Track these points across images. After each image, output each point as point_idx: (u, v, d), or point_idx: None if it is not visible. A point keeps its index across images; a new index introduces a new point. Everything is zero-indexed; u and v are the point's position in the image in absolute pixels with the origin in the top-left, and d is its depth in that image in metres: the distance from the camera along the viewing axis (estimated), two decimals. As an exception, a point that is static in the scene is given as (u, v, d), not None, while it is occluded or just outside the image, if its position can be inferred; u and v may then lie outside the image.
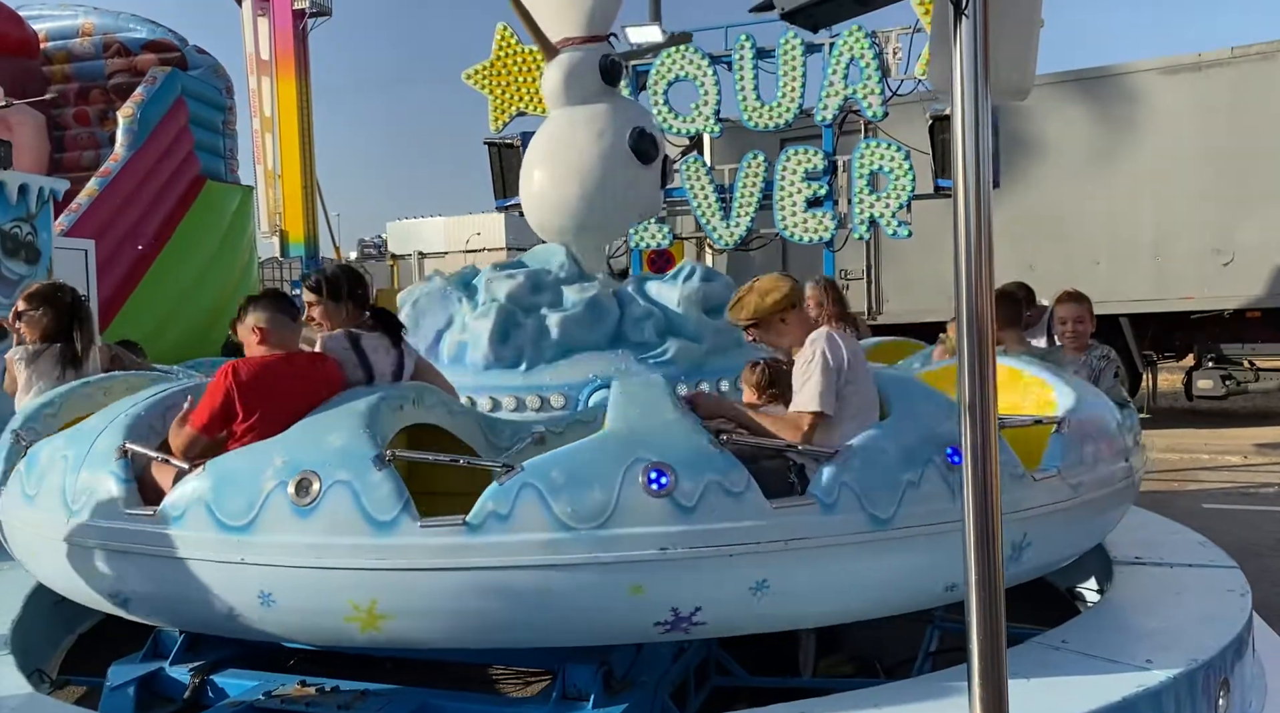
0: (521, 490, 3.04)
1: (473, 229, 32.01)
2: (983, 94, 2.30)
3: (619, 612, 3.11)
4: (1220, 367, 13.24)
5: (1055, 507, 3.55)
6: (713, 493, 3.06)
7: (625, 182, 4.84)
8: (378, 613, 3.11)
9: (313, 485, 3.12)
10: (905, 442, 3.37)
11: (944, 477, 3.29)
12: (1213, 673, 3.27)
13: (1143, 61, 13.01)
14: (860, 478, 3.23)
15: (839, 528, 3.18)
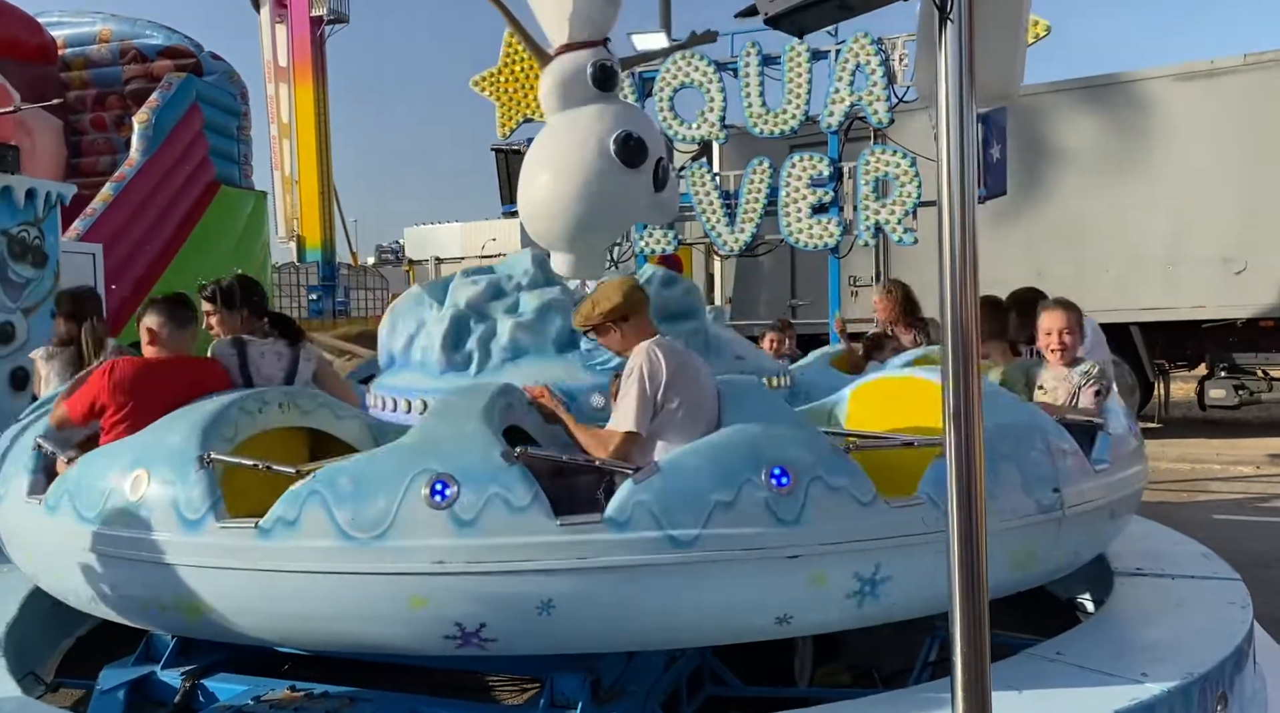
0: (309, 498, 3.08)
1: (488, 235, 32.14)
2: (968, 100, 2.28)
3: (403, 624, 3.10)
4: (1233, 376, 13.13)
5: (917, 539, 3.19)
6: (494, 507, 2.99)
7: (609, 186, 4.73)
8: (191, 607, 3.26)
9: (143, 483, 3.31)
10: (723, 460, 3.17)
11: (765, 499, 3.07)
12: (1210, 687, 3.23)
13: (1155, 69, 12.92)
14: (660, 497, 3.06)
15: (631, 548, 3.01)
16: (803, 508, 3.10)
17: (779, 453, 3.16)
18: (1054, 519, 3.53)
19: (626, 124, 4.78)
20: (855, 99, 9.64)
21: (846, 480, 3.18)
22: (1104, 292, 12.69)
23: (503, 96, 10.64)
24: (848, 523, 3.15)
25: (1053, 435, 3.70)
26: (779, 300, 14.33)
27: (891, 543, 3.20)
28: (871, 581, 3.19)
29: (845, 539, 3.14)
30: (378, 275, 37.58)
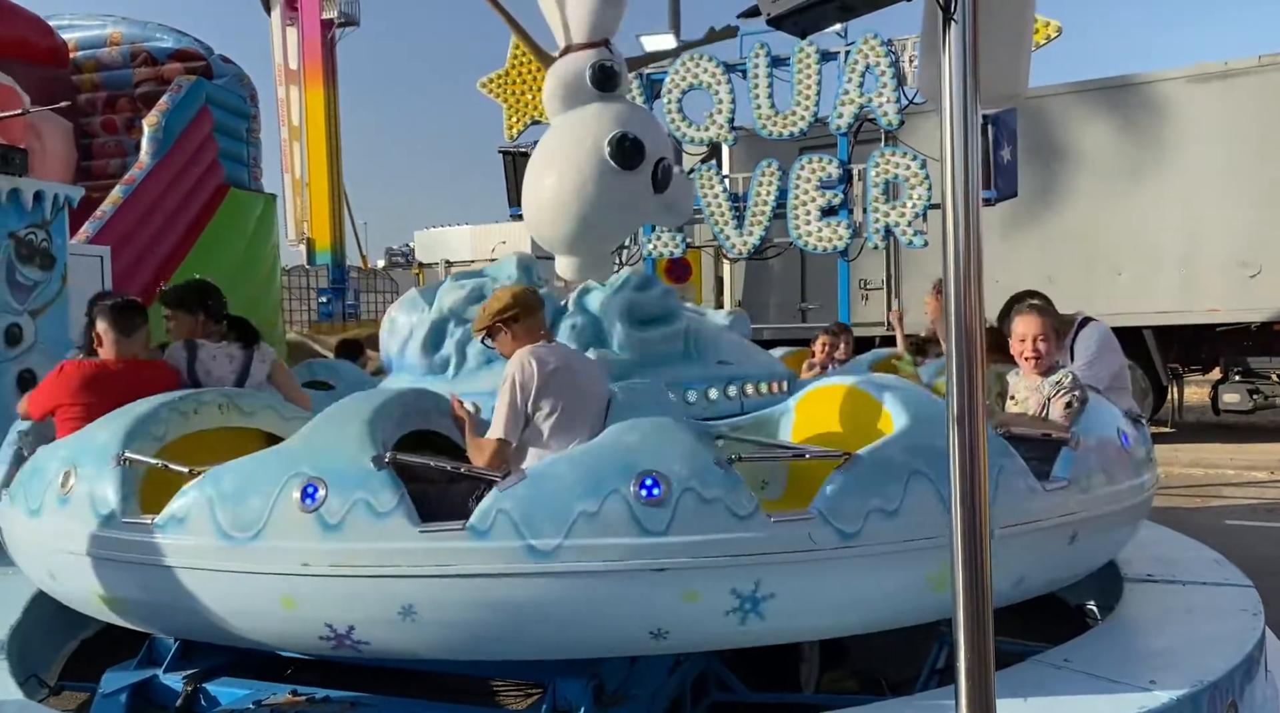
0: (196, 497, 3.23)
1: (499, 237, 32.19)
2: (972, 101, 2.25)
3: (280, 622, 3.19)
4: (1247, 380, 13.03)
5: (804, 557, 3.07)
6: (359, 511, 3.03)
7: (604, 188, 4.71)
8: (111, 598, 3.49)
9: (70, 479, 3.52)
10: (592, 468, 3.10)
11: (631, 510, 2.99)
12: (1219, 695, 3.19)
13: (1169, 70, 12.84)
14: (522, 505, 3.03)
15: (490, 557, 3.00)
16: (672, 520, 3.00)
17: (652, 462, 3.06)
18: None
19: (625, 125, 4.73)
20: (865, 101, 9.61)
21: (722, 492, 3.04)
22: (1117, 295, 12.63)
23: (510, 98, 10.64)
24: (721, 537, 3.01)
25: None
26: (789, 304, 14.29)
27: (775, 559, 3.04)
28: (753, 598, 3.04)
29: (719, 554, 3.00)
30: (388, 278, 37.67)
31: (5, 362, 6.35)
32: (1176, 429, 13.60)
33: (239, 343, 4.59)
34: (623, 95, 4.96)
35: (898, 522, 3.14)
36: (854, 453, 3.22)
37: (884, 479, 3.18)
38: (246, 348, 4.60)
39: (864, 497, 3.14)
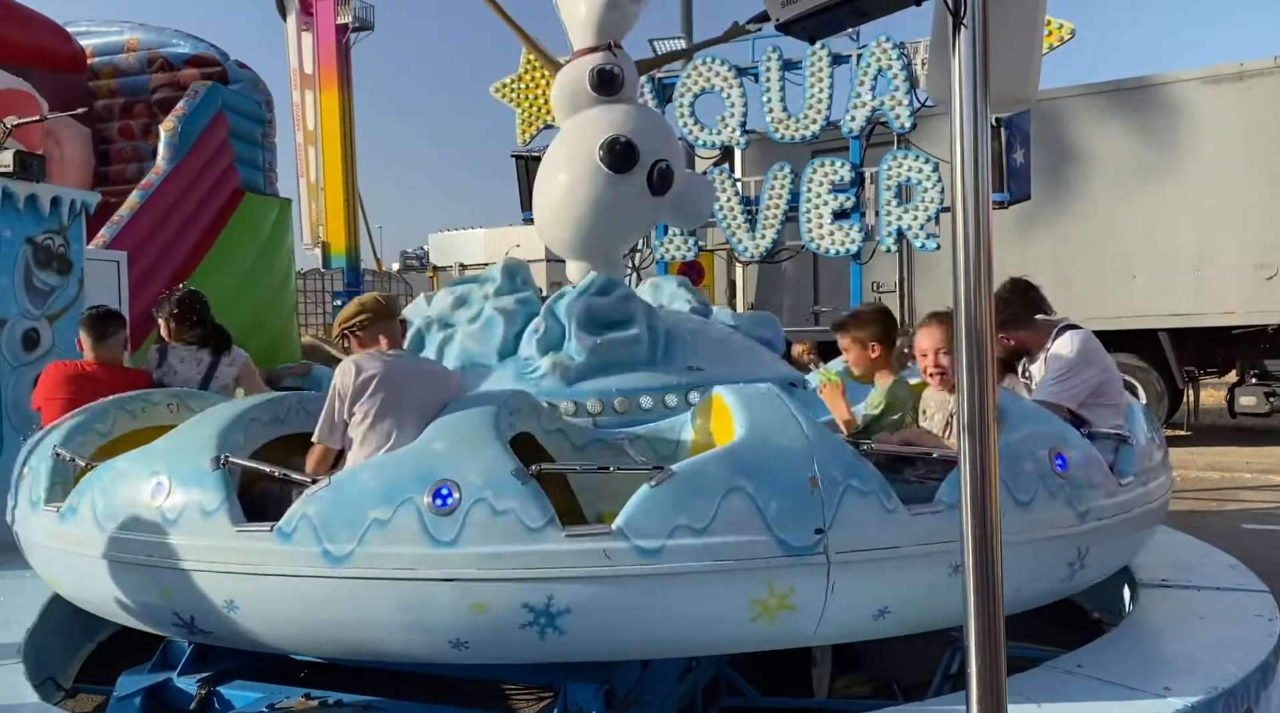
0: (85, 487, 3.65)
1: (512, 241, 32.26)
2: (982, 105, 2.25)
3: (153, 608, 3.45)
4: (1264, 383, 12.93)
5: (601, 573, 2.98)
6: (191, 511, 3.29)
7: (596, 192, 4.74)
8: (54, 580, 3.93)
9: (23, 471, 3.97)
10: (392, 476, 3.13)
11: (422, 519, 2.99)
12: (1234, 702, 3.17)
13: (1184, 72, 12.77)
14: (323, 510, 3.10)
15: (292, 559, 3.10)
16: (461, 530, 2.98)
17: (450, 471, 3.06)
18: (810, 564, 3.02)
19: (620, 128, 4.71)
20: (877, 104, 9.59)
21: (515, 504, 2.99)
22: (1132, 298, 12.56)
23: (523, 103, 10.66)
24: (510, 549, 2.97)
25: (826, 462, 3.14)
26: (801, 307, 14.28)
27: (569, 575, 2.97)
28: (547, 613, 2.99)
29: (508, 567, 2.97)
30: (402, 282, 37.79)
31: (23, 366, 6.39)
32: (1193, 432, 13.51)
33: (208, 348, 5.07)
34: (629, 98, 4.93)
35: (707, 541, 2.99)
36: (668, 467, 3.10)
37: (694, 496, 3.03)
38: (216, 353, 5.08)
39: (670, 514, 2.99)
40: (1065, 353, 4.07)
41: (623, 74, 4.86)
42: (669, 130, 5.22)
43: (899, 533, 3.14)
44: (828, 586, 3.05)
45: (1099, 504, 3.55)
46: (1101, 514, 3.55)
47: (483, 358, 4.67)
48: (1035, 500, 3.37)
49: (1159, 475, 4.11)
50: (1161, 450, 4.27)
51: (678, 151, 5.04)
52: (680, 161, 5.02)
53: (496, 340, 4.66)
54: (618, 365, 4.46)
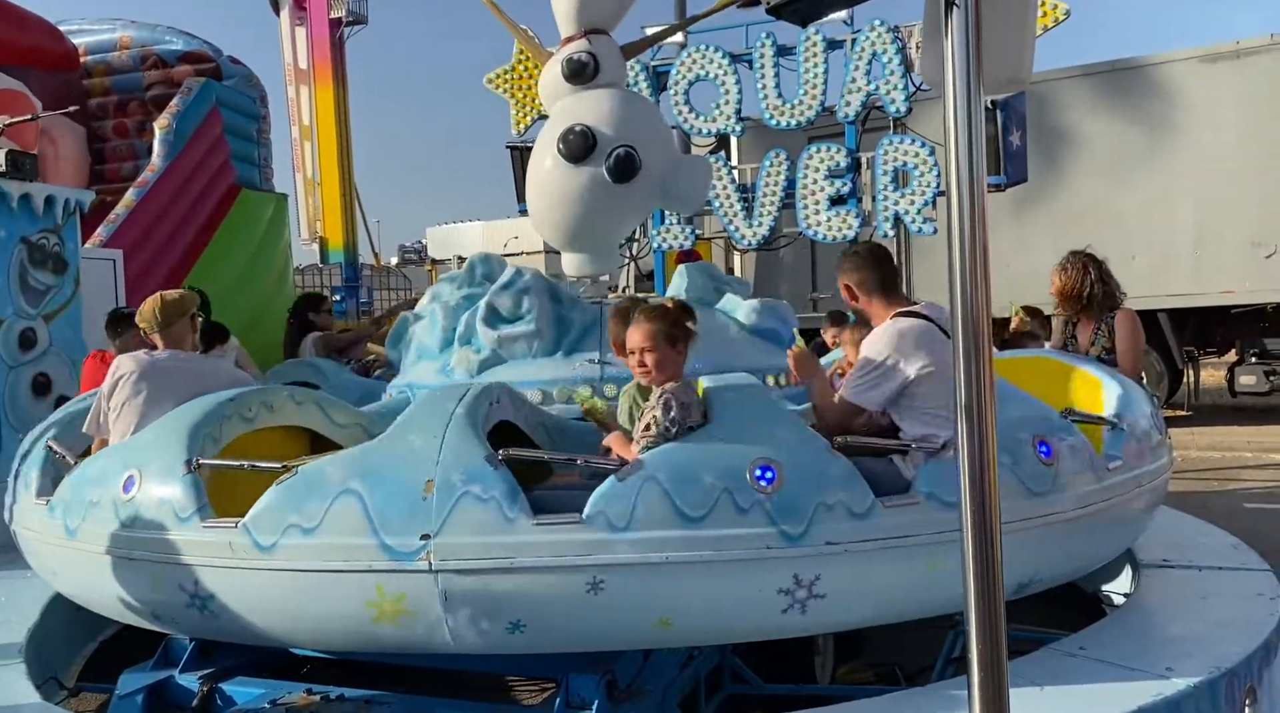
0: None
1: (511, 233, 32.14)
2: (975, 87, 2.23)
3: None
4: (1264, 362, 12.94)
5: (225, 562, 3.20)
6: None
7: (557, 184, 4.73)
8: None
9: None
10: (105, 465, 3.62)
11: (115, 505, 3.40)
12: (1237, 681, 3.16)
13: (1180, 51, 12.74)
14: (63, 493, 3.67)
15: (43, 531, 3.72)
16: (135, 516, 3.36)
17: (141, 462, 3.45)
18: (415, 570, 2.96)
19: (579, 117, 4.69)
20: (872, 88, 9.54)
21: (175, 494, 3.31)
22: (1131, 278, 12.45)
23: (517, 93, 10.62)
24: (167, 536, 3.28)
25: (449, 467, 3.05)
26: (800, 293, 14.26)
27: (206, 562, 3.21)
28: (197, 596, 3.26)
29: (166, 552, 3.27)
30: (401, 276, 37.72)
31: (20, 366, 6.39)
32: (1193, 412, 13.52)
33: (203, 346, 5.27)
34: (607, 84, 4.83)
35: (315, 541, 3.06)
36: (293, 464, 3.25)
37: (308, 495, 3.10)
38: (207, 347, 5.47)
39: (284, 511, 3.11)
40: (876, 345, 3.53)
41: (594, 62, 4.76)
42: (645, 116, 4.95)
43: (519, 543, 2.96)
44: (439, 593, 2.98)
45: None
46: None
47: (429, 350, 4.91)
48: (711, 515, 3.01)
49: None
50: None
51: (657, 137, 4.86)
52: (661, 147, 4.85)
53: (438, 333, 4.90)
54: (519, 358, 4.59)
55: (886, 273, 3.66)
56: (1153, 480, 3.98)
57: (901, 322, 3.53)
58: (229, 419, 3.71)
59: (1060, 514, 3.40)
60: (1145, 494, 3.94)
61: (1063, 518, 3.41)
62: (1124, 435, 3.85)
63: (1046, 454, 3.40)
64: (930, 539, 3.11)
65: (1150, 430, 4.09)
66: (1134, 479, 3.79)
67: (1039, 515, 3.34)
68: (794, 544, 2.99)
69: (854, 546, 3.05)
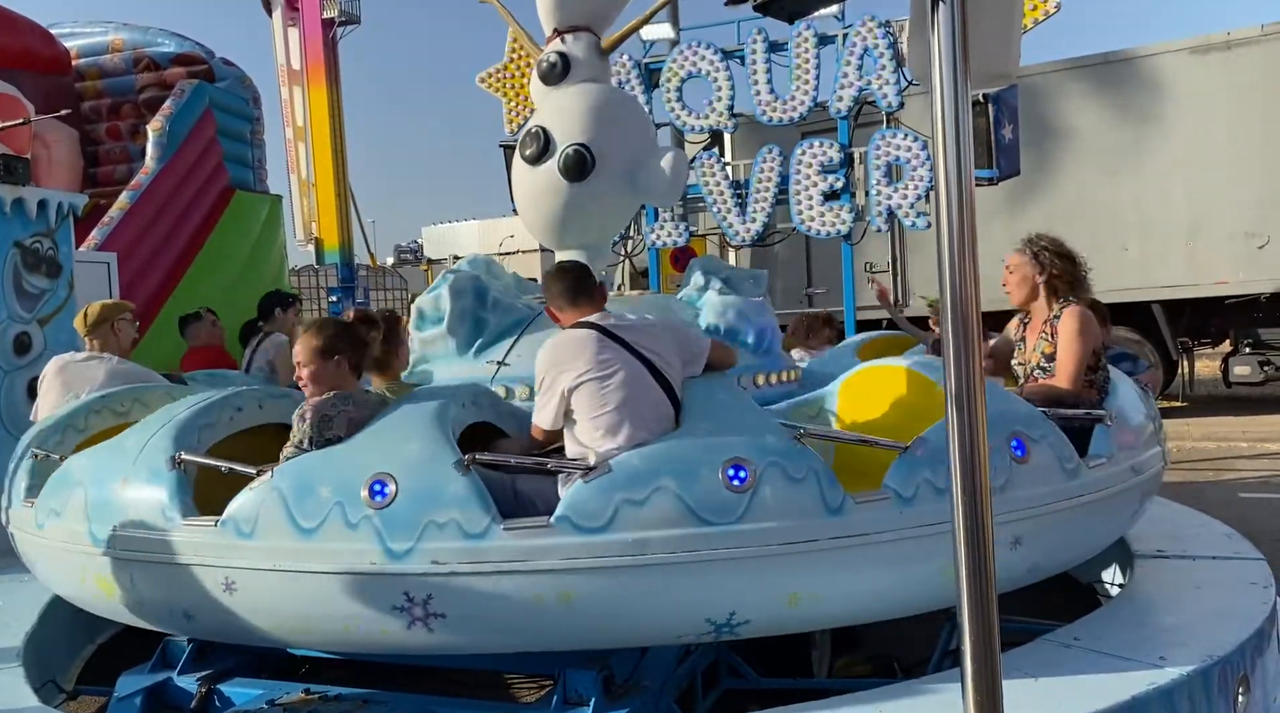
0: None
1: (506, 232, 32.14)
2: (962, 81, 2.24)
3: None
4: (1258, 352, 12.97)
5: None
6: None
7: (521, 184, 4.90)
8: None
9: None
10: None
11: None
12: (1230, 670, 3.18)
13: (1171, 42, 12.76)
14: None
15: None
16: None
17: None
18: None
19: (541, 117, 4.82)
20: (864, 83, 9.55)
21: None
22: (1124, 270, 12.56)
23: (508, 92, 10.61)
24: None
25: None
26: (795, 289, 14.28)
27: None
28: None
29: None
30: (397, 276, 37.69)
31: (15, 371, 6.38)
32: (1188, 403, 13.55)
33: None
34: (581, 80, 4.87)
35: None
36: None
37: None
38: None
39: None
40: (538, 365, 3.45)
41: (562, 62, 4.83)
42: (607, 111, 4.87)
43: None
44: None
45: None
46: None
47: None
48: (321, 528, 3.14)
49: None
50: None
51: (618, 132, 4.80)
52: (624, 141, 4.80)
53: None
54: (437, 358, 4.67)
55: (567, 285, 3.64)
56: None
57: (557, 336, 3.50)
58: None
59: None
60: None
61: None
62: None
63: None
64: (562, 566, 2.98)
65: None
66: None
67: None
68: (397, 561, 3.00)
69: (462, 567, 2.98)
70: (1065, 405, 3.89)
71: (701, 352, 3.59)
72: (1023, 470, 3.34)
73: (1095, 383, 4.23)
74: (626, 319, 3.50)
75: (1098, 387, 4.22)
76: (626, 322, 3.47)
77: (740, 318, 4.66)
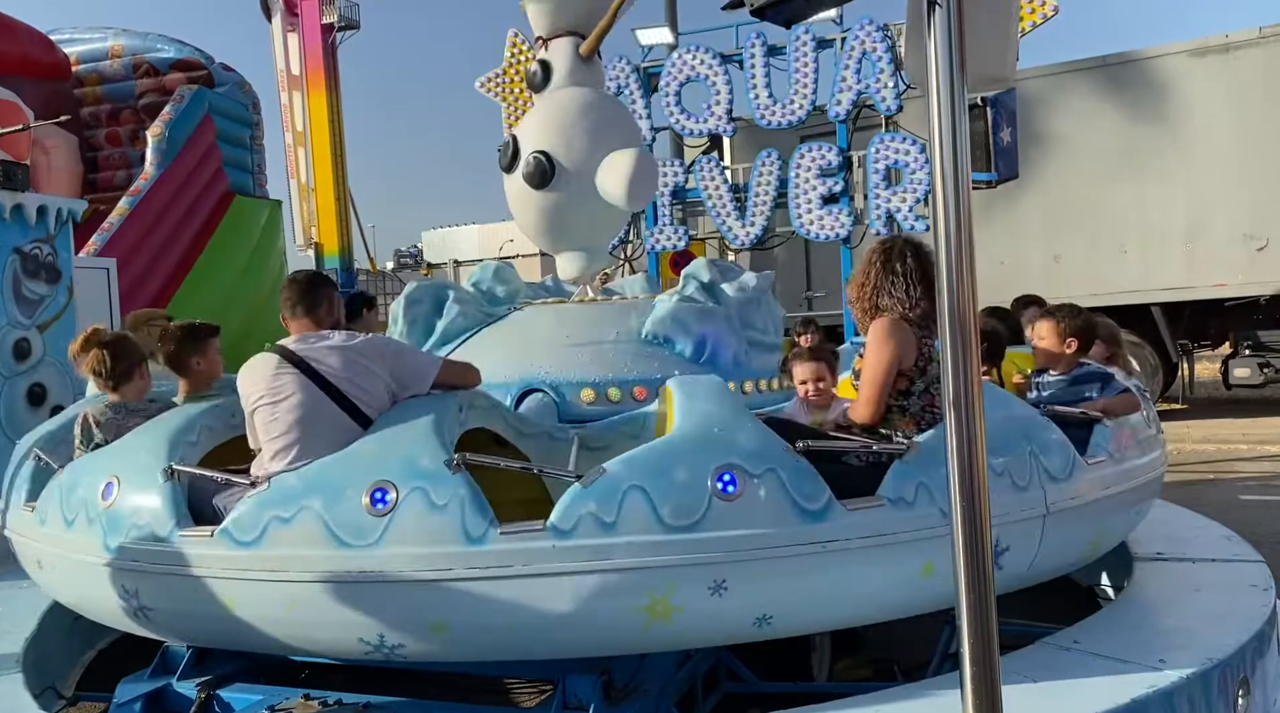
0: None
1: (505, 236, 32.14)
2: (959, 85, 2.24)
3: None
4: (1257, 354, 12.97)
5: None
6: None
7: (507, 193, 5.01)
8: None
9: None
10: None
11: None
12: (1230, 672, 3.17)
13: (1170, 45, 12.77)
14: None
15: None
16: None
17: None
18: None
19: (522, 126, 4.95)
20: (862, 87, 9.57)
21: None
22: (1124, 272, 12.58)
23: (508, 97, 10.64)
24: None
25: None
26: (794, 293, 14.28)
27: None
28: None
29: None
30: (396, 280, 37.70)
31: (15, 376, 6.39)
32: (1188, 405, 13.55)
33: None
34: (560, 86, 4.93)
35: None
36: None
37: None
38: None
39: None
40: None
41: (542, 71, 4.93)
42: (571, 117, 4.84)
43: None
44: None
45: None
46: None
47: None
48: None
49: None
50: None
51: (580, 138, 4.78)
52: (588, 147, 4.78)
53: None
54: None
55: (289, 297, 3.65)
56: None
57: (249, 360, 3.54)
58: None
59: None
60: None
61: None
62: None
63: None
64: (224, 575, 3.15)
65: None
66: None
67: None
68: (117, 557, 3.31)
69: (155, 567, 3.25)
70: (847, 434, 3.39)
71: (422, 372, 3.50)
72: (726, 508, 2.92)
73: (909, 409, 3.45)
74: (323, 342, 3.44)
75: (912, 414, 3.45)
76: (319, 345, 3.42)
77: (677, 327, 4.44)
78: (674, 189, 10.68)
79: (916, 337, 3.45)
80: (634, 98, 10.68)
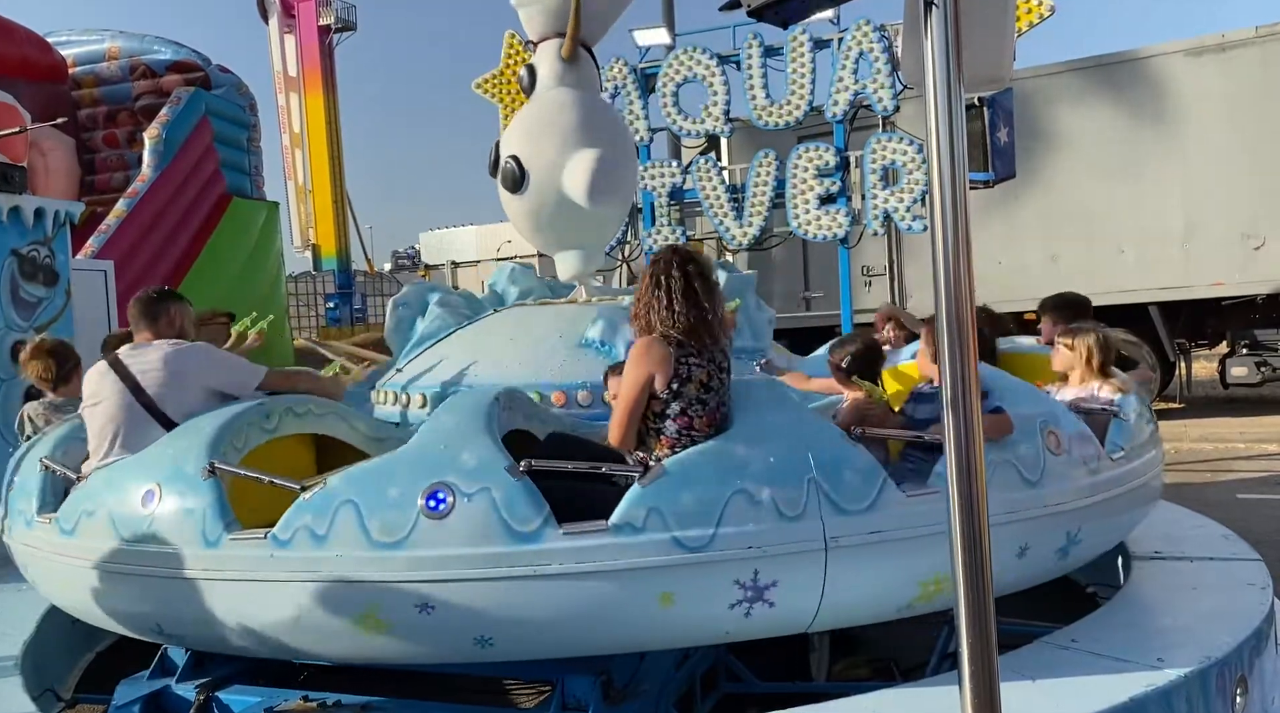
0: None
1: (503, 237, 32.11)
2: (955, 86, 2.25)
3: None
4: (1255, 353, 13.00)
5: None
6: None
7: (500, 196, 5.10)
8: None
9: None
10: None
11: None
12: (1228, 671, 3.18)
13: (1166, 44, 12.79)
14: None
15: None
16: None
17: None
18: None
19: (508, 130, 5.03)
20: (859, 87, 9.57)
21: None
22: (1121, 272, 12.60)
23: (505, 98, 10.64)
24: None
25: None
26: (792, 293, 14.29)
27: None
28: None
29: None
30: (394, 282, 37.68)
31: (12, 379, 6.38)
32: (1185, 405, 13.57)
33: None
34: (545, 89, 4.99)
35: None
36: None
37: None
38: None
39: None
40: None
41: (528, 74, 5.02)
42: (543, 121, 4.86)
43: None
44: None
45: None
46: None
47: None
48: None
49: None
50: None
51: (549, 142, 4.80)
52: (556, 150, 4.79)
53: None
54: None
55: (133, 311, 3.92)
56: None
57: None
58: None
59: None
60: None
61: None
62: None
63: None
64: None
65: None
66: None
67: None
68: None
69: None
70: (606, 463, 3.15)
71: (240, 381, 3.80)
72: (431, 526, 2.86)
73: (664, 431, 3.21)
74: (148, 351, 3.71)
75: (667, 435, 3.21)
76: (142, 355, 3.70)
77: (609, 330, 4.46)
78: (671, 190, 10.69)
79: (674, 356, 3.23)
80: (631, 99, 10.68)
